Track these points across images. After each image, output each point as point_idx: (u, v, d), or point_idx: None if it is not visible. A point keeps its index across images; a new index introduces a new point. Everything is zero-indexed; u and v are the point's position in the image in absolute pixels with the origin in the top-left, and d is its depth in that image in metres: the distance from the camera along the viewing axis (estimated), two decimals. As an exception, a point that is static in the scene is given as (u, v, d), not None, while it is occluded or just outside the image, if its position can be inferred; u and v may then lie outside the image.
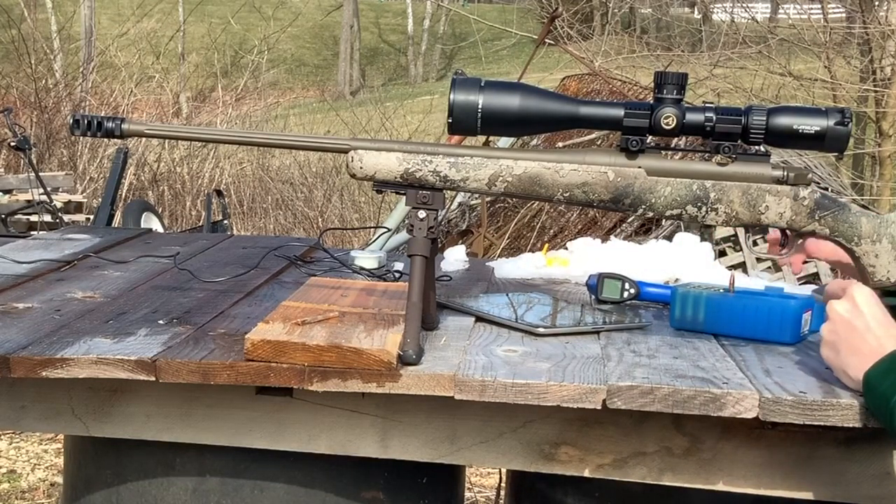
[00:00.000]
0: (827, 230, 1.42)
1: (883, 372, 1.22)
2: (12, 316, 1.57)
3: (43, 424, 1.55)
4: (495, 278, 1.99)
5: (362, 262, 1.97)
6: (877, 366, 1.23)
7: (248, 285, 1.82)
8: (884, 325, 1.26)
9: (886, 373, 1.21)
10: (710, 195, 1.40)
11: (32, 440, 4.15)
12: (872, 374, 1.23)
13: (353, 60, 24.57)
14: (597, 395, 1.30)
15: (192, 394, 1.45)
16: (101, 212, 6.26)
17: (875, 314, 1.27)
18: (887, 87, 8.23)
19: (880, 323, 1.26)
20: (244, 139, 1.63)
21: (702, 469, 1.40)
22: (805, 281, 5.92)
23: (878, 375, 1.22)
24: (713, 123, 1.37)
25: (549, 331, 1.54)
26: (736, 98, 8.08)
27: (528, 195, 1.44)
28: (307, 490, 1.54)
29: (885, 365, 1.22)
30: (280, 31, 19.64)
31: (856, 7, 8.69)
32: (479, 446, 1.44)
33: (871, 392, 1.23)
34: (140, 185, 9.67)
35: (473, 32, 19.62)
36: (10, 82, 10.78)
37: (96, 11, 17.81)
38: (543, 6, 12.32)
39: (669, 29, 15.74)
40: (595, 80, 7.18)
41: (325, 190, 9.95)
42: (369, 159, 1.43)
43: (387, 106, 13.18)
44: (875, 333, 1.26)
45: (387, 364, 1.33)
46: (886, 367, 1.22)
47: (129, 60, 12.65)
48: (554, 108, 1.40)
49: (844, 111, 1.36)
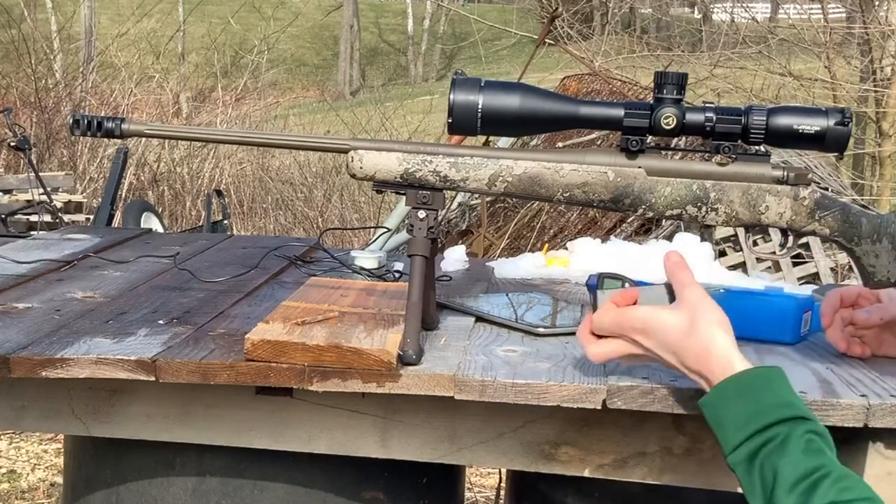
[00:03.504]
0: (827, 230, 1.42)
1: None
2: (12, 316, 1.57)
3: (43, 424, 1.55)
4: (495, 278, 1.99)
5: (362, 262, 1.97)
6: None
7: (248, 285, 1.82)
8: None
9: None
10: (710, 195, 1.40)
11: (32, 440, 4.16)
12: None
13: (353, 60, 24.57)
14: (597, 395, 1.30)
15: (191, 394, 1.45)
16: (101, 212, 6.26)
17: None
18: (887, 87, 8.23)
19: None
20: (244, 139, 1.62)
21: (702, 469, 1.40)
22: (805, 281, 5.92)
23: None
24: (713, 123, 1.37)
25: (549, 331, 1.54)
26: (736, 98, 8.08)
27: (528, 195, 1.44)
28: (307, 490, 1.54)
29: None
30: (280, 31, 19.65)
31: (856, 7, 8.70)
32: (479, 446, 1.44)
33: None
34: (140, 185, 9.68)
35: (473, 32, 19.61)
36: (10, 82, 10.79)
37: (96, 11, 17.82)
38: (543, 6, 12.32)
39: (669, 29, 15.74)
40: (595, 80, 7.18)
41: (325, 190, 9.95)
42: (369, 159, 1.43)
43: (387, 106, 13.19)
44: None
45: (387, 364, 1.33)
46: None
47: (129, 60, 12.66)
48: (554, 108, 1.40)
49: (844, 111, 1.36)
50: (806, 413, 1.15)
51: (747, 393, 1.16)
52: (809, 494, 1.08)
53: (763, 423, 1.13)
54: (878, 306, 1.46)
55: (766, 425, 1.13)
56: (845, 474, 1.10)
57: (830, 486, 1.08)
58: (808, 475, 1.09)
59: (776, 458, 1.11)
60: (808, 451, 1.11)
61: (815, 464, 1.10)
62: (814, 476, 1.09)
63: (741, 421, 1.15)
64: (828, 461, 1.11)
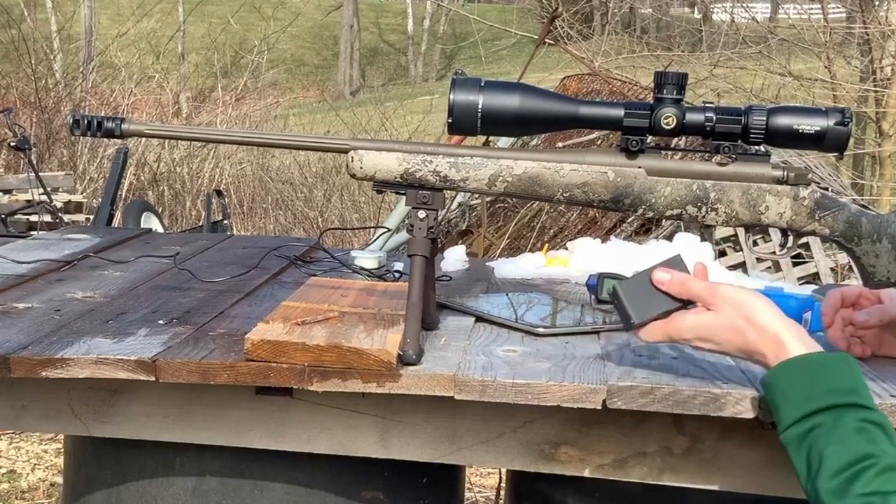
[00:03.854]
0: (827, 230, 1.42)
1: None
2: (12, 316, 1.57)
3: (43, 424, 1.55)
4: (495, 278, 1.99)
5: (362, 262, 1.97)
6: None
7: (248, 285, 1.82)
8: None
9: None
10: (710, 195, 1.40)
11: (32, 440, 4.15)
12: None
13: (353, 60, 24.57)
14: (597, 395, 1.30)
15: (192, 394, 1.45)
16: (101, 212, 6.26)
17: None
18: (887, 87, 8.22)
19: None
20: (244, 139, 1.63)
21: (702, 469, 1.40)
22: (805, 281, 5.92)
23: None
24: (713, 123, 1.37)
25: (549, 331, 1.54)
26: (736, 98, 8.08)
27: (528, 195, 1.44)
28: (307, 490, 1.54)
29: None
30: (280, 31, 19.64)
31: (856, 7, 8.69)
32: (479, 446, 1.44)
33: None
34: (140, 185, 9.68)
35: (473, 32, 19.60)
36: (10, 82, 10.78)
37: (96, 11, 17.82)
38: (543, 6, 12.32)
39: (669, 29, 15.73)
40: (595, 80, 7.17)
41: (325, 190, 9.95)
42: (369, 159, 1.43)
43: (387, 106, 13.18)
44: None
45: (387, 364, 1.33)
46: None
47: (129, 60, 12.65)
48: (554, 108, 1.40)
49: (844, 111, 1.36)
50: (865, 402, 1.17)
51: (804, 377, 1.19)
52: (851, 482, 1.10)
53: (814, 407, 1.16)
54: (877, 307, 1.46)
55: (817, 409, 1.16)
56: (894, 465, 1.10)
57: (875, 476, 1.09)
58: (854, 464, 1.11)
59: (823, 444, 1.14)
60: (857, 439, 1.13)
61: (864, 452, 1.11)
62: (860, 465, 1.11)
63: (794, 403, 1.18)
64: (878, 451, 1.12)
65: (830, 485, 1.11)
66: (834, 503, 1.11)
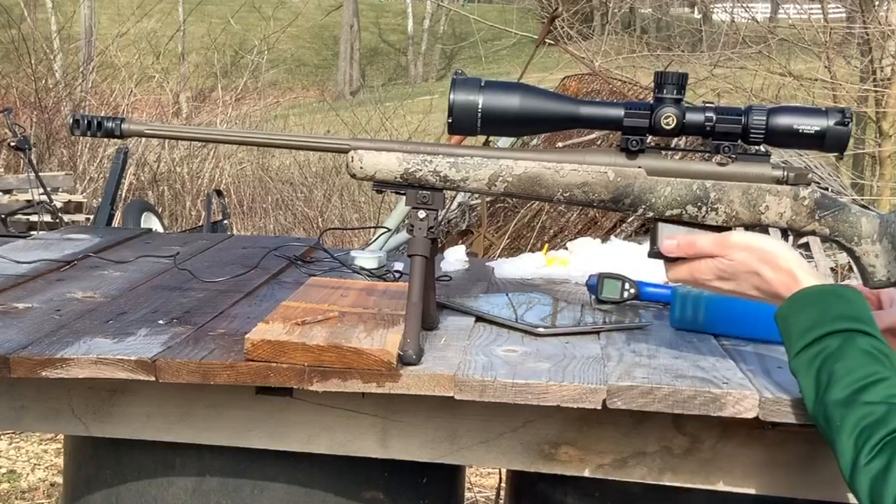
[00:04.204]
0: (827, 230, 1.41)
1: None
2: (12, 316, 1.57)
3: (43, 424, 1.55)
4: (495, 278, 1.99)
5: (362, 262, 1.97)
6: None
7: (248, 285, 1.82)
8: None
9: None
10: (710, 195, 1.40)
11: (32, 440, 4.15)
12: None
13: (353, 60, 24.56)
14: (597, 395, 1.30)
15: (192, 394, 1.45)
16: (101, 212, 6.25)
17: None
18: (887, 87, 8.22)
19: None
20: (244, 139, 1.63)
21: (702, 469, 1.40)
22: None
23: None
24: (713, 123, 1.37)
25: (549, 331, 1.54)
26: (736, 98, 8.08)
27: (528, 195, 1.44)
28: (307, 490, 1.54)
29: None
30: (280, 31, 19.62)
31: (856, 7, 8.69)
32: (479, 446, 1.44)
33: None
34: (140, 185, 9.67)
35: (473, 32, 19.61)
36: (10, 82, 10.78)
37: (96, 11, 17.80)
38: (543, 6, 12.30)
39: (669, 29, 15.74)
40: (595, 80, 7.17)
41: (325, 190, 9.95)
42: (369, 159, 1.43)
43: (387, 106, 13.18)
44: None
45: (387, 364, 1.33)
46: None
47: (129, 60, 12.64)
48: (554, 108, 1.40)
49: (845, 111, 1.36)
50: (873, 332, 1.19)
51: (815, 304, 1.22)
52: (860, 393, 1.12)
53: (825, 331, 1.19)
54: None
55: (827, 333, 1.19)
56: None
57: (885, 389, 1.11)
58: (863, 378, 1.13)
59: (832, 362, 1.16)
60: (866, 359, 1.15)
61: (873, 369, 1.13)
62: (869, 379, 1.13)
63: (804, 328, 1.21)
64: (886, 370, 1.13)
65: (839, 396, 1.13)
66: (840, 412, 1.12)
